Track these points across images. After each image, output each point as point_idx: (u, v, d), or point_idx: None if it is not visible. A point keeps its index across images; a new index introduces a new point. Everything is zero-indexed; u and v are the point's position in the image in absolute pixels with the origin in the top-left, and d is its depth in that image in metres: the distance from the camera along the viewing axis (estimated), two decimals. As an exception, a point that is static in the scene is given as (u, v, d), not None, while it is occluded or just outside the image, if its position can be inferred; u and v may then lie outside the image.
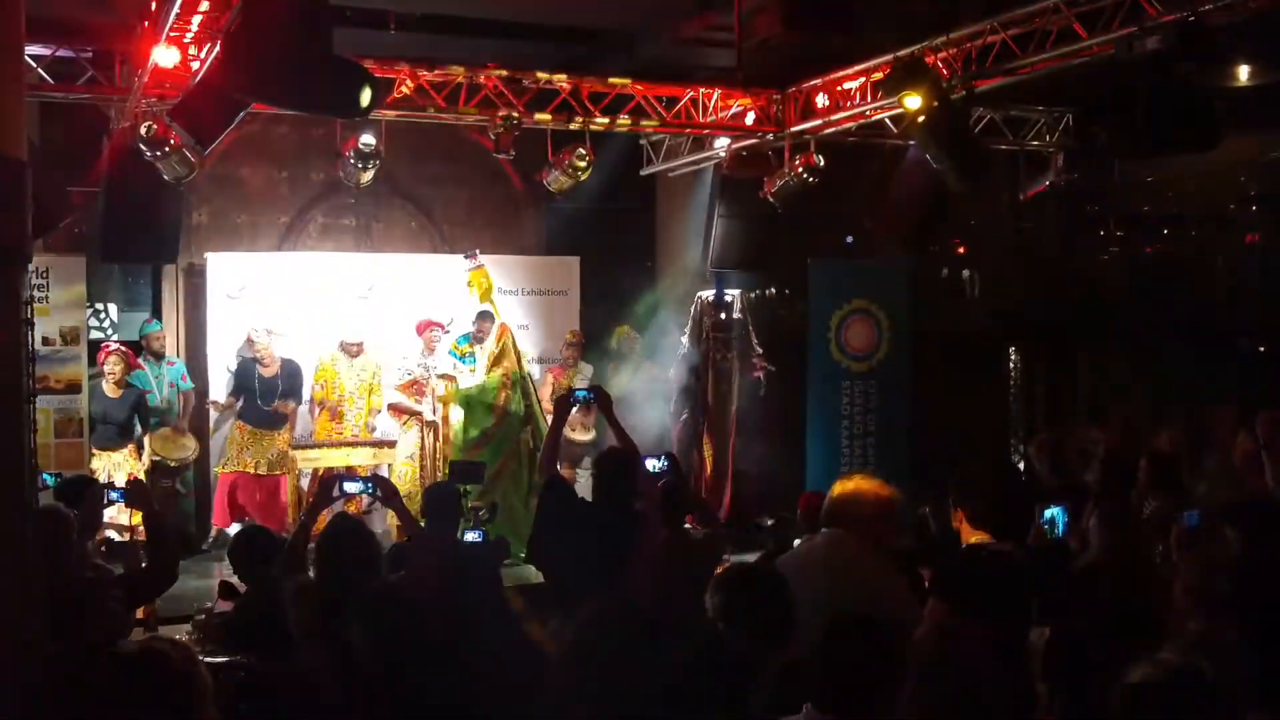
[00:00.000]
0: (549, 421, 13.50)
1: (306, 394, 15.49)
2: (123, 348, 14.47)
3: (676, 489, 8.80)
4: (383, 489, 7.61)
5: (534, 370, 16.07)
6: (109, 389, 14.17)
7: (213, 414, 15.40)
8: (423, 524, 8.42)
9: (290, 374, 15.13)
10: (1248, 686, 5.75)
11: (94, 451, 14.19)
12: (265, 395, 14.88)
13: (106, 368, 14.14)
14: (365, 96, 9.08)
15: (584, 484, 11.17)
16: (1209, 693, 4.72)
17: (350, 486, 7.50)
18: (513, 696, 5.45)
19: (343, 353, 15.26)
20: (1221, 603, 6.41)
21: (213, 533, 14.93)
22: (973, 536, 8.01)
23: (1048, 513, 8.43)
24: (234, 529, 14.76)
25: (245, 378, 14.99)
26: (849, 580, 7.06)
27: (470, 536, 8.30)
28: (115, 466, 13.83)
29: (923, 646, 5.42)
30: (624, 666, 4.67)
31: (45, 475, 8.05)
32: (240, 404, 14.99)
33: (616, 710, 4.62)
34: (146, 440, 14.50)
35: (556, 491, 8.29)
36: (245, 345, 15.29)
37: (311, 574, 7.00)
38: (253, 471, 14.74)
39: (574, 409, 10.62)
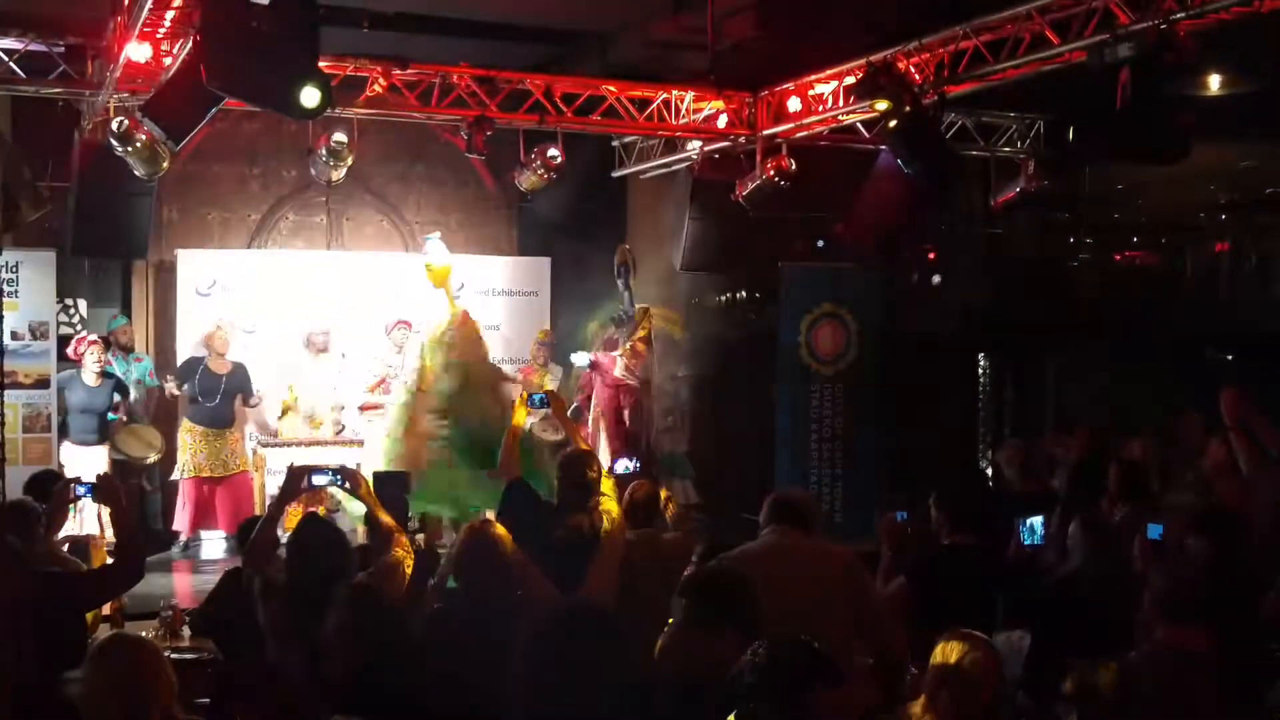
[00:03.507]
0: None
1: (272, 396, 15.43)
2: (97, 337, 14.41)
3: (645, 491, 8.83)
4: (350, 481, 7.59)
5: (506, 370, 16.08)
6: (90, 379, 14.07)
7: (170, 389, 15.09)
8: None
9: (240, 375, 14.97)
10: (1214, 693, 5.79)
11: (68, 446, 14.10)
12: (206, 393, 14.73)
13: (89, 357, 14.03)
14: (309, 98, 9.02)
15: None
16: None
17: (318, 479, 7.47)
18: (482, 693, 5.45)
19: (307, 350, 15.23)
20: (1188, 610, 6.44)
21: (182, 539, 14.79)
22: (953, 539, 8.11)
23: (1026, 522, 8.49)
24: (207, 534, 14.84)
25: (190, 374, 14.78)
26: (826, 568, 7.25)
27: None
28: (89, 464, 13.70)
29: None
30: (583, 667, 4.65)
31: (80, 488, 8.00)
32: (189, 404, 14.82)
33: (576, 711, 4.61)
34: (117, 436, 14.48)
35: (517, 494, 8.30)
36: (200, 343, 15.16)
37: (281, 571, 6.98)
38: (209, 474, 14.63)
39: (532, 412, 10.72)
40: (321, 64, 9.19)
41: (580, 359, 15.87)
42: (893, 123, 12.27)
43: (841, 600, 7.13)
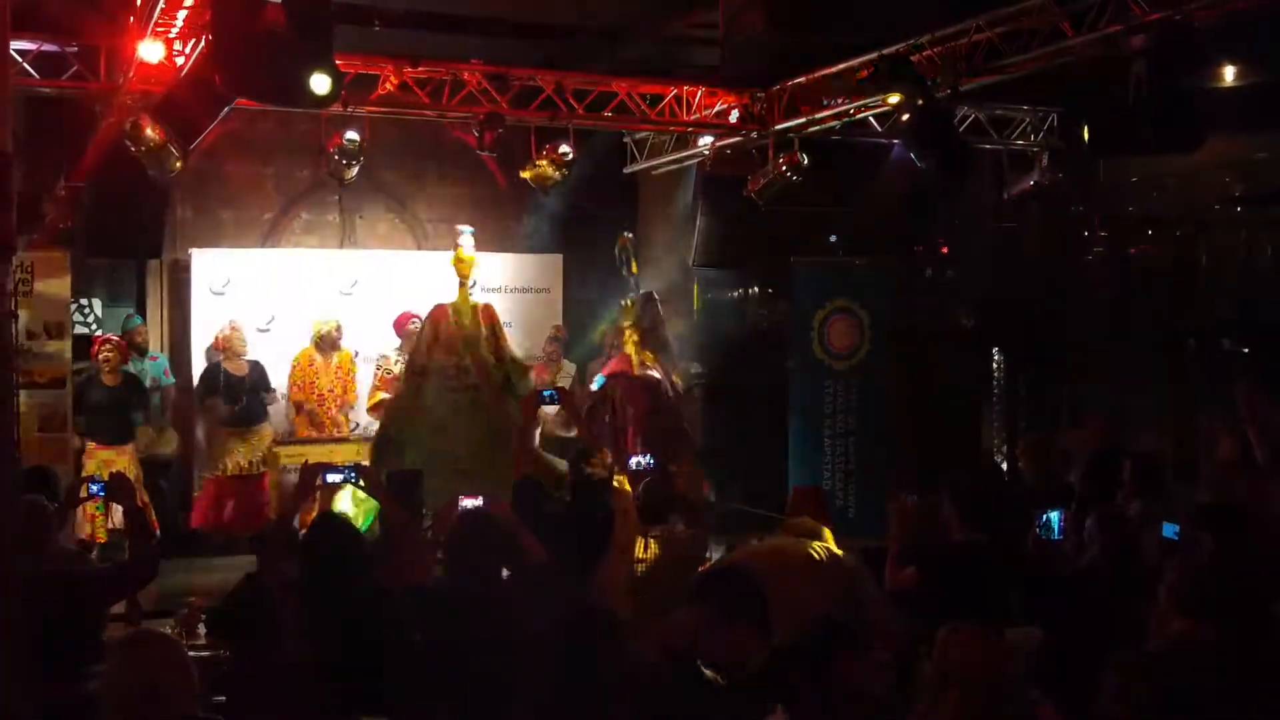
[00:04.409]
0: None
1: (283, 390, 15.48)
2: (114, 337, 14.45)
3: (659, 487, 8.83)
4: (365, 478, 7.59)
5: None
6: (107, 379, 14.10)
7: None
8: None
9: (257, 372, 15.05)
10: (1229, 687, 5.79)
11: (88, 447, 14.09)
12: (234, 394, 14.79)
13: (102, 356, 14.08)
14: (320, 84, 8.99)
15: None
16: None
17: (333, 477, 7.46)
18: (499, 687, 5.46)
19: (318, 351, 15.24)
20: (1203, 604, 6.44)
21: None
22: (964, 535, 8.11)
23: (1044, 516, 8.48)
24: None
25: (213, 380, 14.86)
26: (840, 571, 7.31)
27: None
28: (109, 465, 13.68)
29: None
30: (589, 666, 4.66)
31: (94, 487, 8.00)
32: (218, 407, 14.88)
33: (581, 709, 4.62)
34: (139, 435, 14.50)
35: (528, 490, 8.30)
36: (211, 348, 15.21)
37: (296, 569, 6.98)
38: (236, 473, 14.66)
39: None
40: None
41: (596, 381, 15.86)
42: (905, 116, 12.26)
43: (839, 599, 7.17)
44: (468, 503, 7.33)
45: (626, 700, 4.70)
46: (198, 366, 15.49)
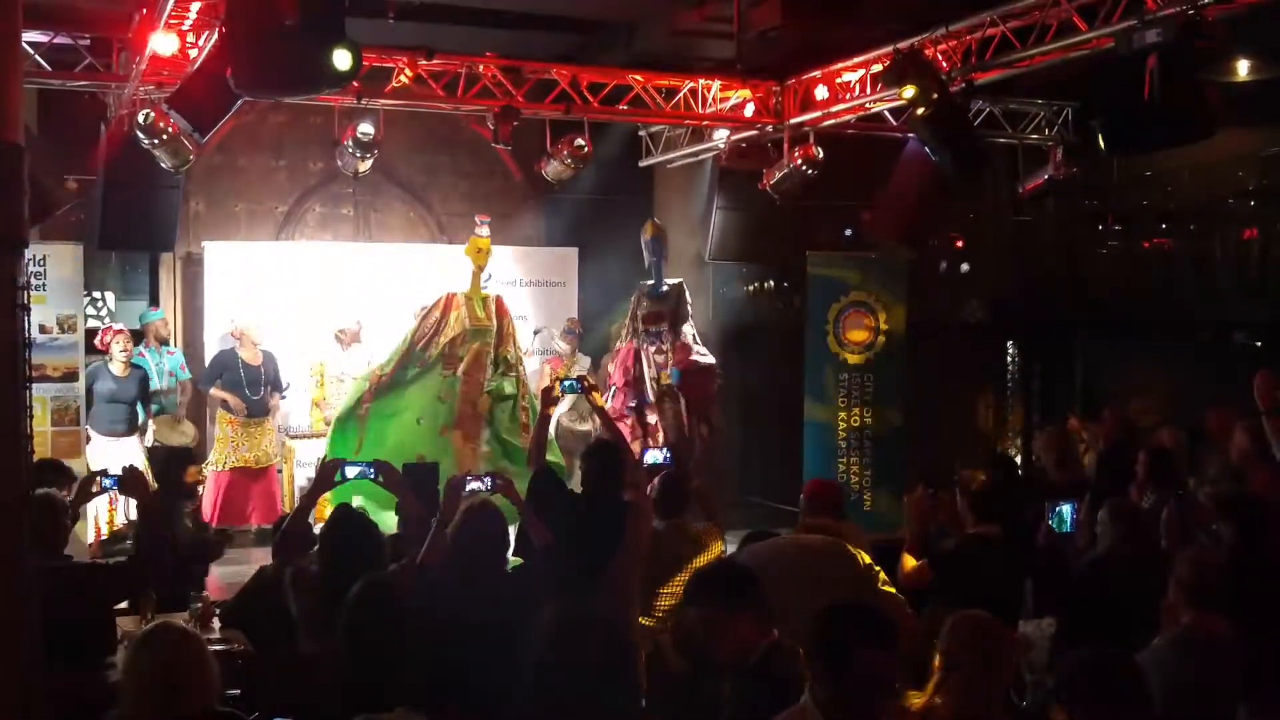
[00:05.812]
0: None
1: (299, 387, 15.50)
2: (124, 327, 14.42)
3: (675, 481, 8.81)
4: (384, 474, 7.58)
5: (533, 362, 16.05)
6: (117, 369, 14.08)
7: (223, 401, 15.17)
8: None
9: (271, 364, 15.05)
10: (1238, 679, 5.78)
11: (91, 438, 14.08)
12: (249, 385, 14.77)
13: (116, 347, 14.04)
14: (341, 60, 8.97)
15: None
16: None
17: (351, 471, 7.44)
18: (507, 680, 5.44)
19: (337, 344, 15.24)
20: (1213, 596, 6.43)
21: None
22: (977, 528, 8.10)
23: (1056, 508, 8.47)
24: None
25: (225, 367, 14.83)
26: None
27: None
28: (118, 455, 13.65)
29: None
30: (596, 676, 4.64)
31: (106, 480, 7.96)
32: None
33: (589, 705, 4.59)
34: (151, 427, 14.45)
35: (544, 482, 8.28)
36: (228, 336, 15.18)
37: (313, 563, 6.99)
38: (244, 466, 14.64)
39: (563, 398, 10.75)
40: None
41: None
42: (920, 110, 12.24)
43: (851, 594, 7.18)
44: (474, 485, 7.33)
45: (634, 698, 4.68)
46: (211, 359, 15.44)
